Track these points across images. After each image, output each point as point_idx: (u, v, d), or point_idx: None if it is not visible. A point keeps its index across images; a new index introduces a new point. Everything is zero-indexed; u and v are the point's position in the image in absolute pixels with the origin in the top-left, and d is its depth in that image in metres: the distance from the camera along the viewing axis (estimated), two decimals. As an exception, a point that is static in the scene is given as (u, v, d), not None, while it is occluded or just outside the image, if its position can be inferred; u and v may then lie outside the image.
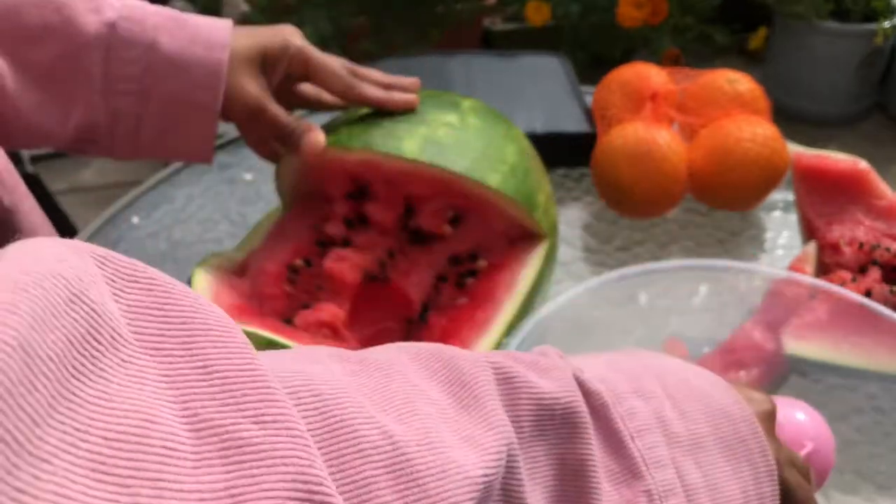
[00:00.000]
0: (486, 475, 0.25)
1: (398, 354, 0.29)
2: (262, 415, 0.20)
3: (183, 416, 0.19)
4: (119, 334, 0.19)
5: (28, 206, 0.50)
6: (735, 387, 0.37)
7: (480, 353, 0.31)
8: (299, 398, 0.23)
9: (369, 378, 0.26)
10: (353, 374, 0.26)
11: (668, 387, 0.34)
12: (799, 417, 0.49)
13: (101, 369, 0.18)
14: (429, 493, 0.23)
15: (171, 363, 0.20)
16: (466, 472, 0.24)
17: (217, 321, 0.22)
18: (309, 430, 0.22)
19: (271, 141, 0.59)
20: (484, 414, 0.27)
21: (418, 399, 0.26)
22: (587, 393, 0.31)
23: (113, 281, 0.21)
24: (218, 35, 0.55)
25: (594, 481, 0.29)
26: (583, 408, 0.30)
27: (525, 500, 0.27)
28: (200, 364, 0.20)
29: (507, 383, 0.29)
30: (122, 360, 0.19)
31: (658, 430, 0.31)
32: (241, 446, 0.19)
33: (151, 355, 0.20)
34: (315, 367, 0.25)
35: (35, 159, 1.73)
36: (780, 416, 0.40)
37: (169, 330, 0.21)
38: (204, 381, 0.20)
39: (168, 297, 0.21)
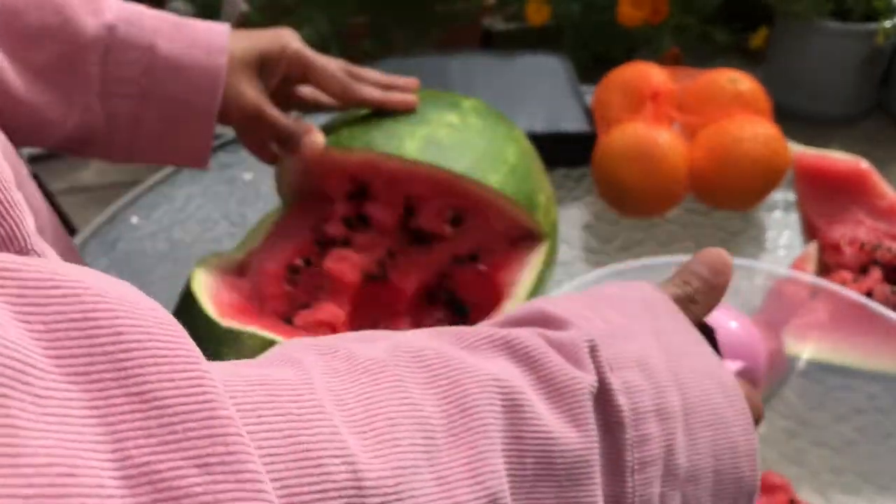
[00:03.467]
0: None
1: (395, 354, 0.26)
2: (208, 455, 0.17)
3: (113, 461, 0.16)
4: (28, 364, 0.16)
5: (30, 191, 0.49)
6: (741, 387, 0.34)
7: (491, 356, 0.28)
8: (260, 418, 0.20)
9: (353, 383, 0.24)
10: (334, 374, 0.24)
11: (687, 399, 0.31)
12: (731, 326, 0.49)
13: (6, 416, 0.15)
14: None
15: (100, 389, 0.17)
16: None
17: (161, 327, 0.18)
18: (268, 455, 0.20)
19: (270, 143, 0.59)
20: (472, 455, 0.24)
21: (404, 421, 0.24)
22: (607, 403, 0.28)
23: (20, 296, 0.17)
24: (216, 39, 0.55)
25: None
26: (595, 458, 0.27)
27: None
28: (136, 389, 0.17)
29: (514, 412, 0.26)
30: (37, 396, 0.16)
31: (660, 463, 0.30)
32: (177, 498, 0.17)
33: (77, 382, 0.17)
34: (287, 370, 0.23)
35: (34, 159, 1.72)
36: (713, 322, 0.38)
37: (99, 346, 0.17)
38: (139, 411, 0.17)
39: (97, 303, 0.18)
